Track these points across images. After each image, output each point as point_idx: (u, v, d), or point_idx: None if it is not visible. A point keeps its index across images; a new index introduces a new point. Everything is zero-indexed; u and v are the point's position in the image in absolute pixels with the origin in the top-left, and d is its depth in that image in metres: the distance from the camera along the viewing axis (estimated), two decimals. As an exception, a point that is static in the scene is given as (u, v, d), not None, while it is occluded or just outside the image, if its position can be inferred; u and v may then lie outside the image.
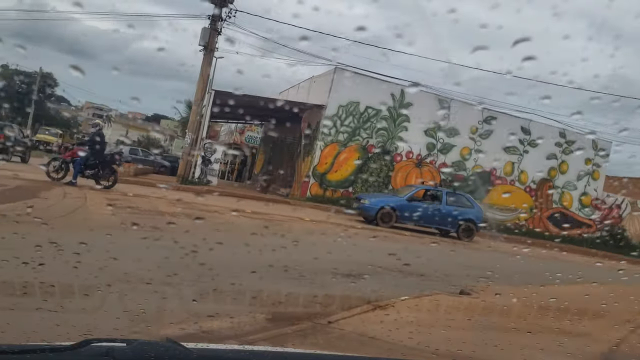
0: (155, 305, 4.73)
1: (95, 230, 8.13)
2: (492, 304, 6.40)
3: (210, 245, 6.68)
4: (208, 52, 18.76)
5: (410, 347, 4.44)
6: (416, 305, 5.92)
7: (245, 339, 3.98)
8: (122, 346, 1.45)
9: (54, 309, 3.98)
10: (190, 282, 5.54)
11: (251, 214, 13.38)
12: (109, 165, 14.54)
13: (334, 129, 21.20)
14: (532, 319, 5.94)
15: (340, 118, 21.22)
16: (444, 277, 8.67)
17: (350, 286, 6.88)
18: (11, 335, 3.36)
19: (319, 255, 8.13)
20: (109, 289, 4.77)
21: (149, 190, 16.03)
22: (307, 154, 21.64)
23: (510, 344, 5.04)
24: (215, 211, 12.63)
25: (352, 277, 7.39)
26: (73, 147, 14.92)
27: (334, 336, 4.49)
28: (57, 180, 14.11)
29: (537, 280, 8.62)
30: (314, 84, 23.00)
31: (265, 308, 5.09)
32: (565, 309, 6.29)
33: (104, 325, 3.93)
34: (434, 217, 17.18)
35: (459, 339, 4.80)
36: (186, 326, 4.20)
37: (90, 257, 5.53)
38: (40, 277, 4.52)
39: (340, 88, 20.74)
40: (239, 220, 12.20)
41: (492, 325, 5.61)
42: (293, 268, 6.88)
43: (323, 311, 5.25)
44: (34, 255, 4.96)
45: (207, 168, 20.14)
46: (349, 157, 21.42)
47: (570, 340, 5.35)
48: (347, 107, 21.22)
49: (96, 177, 14.40)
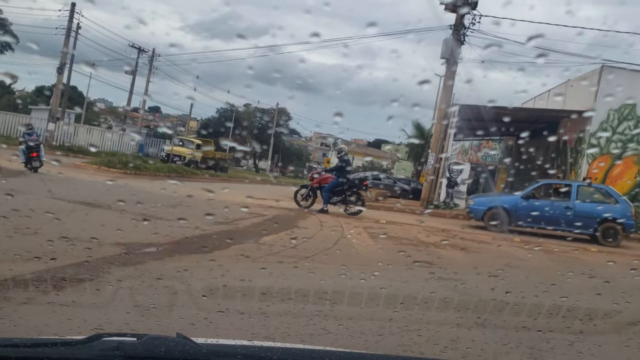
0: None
1: (368, 265, 6.91)
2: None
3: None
4: (451, 64, 17.16)
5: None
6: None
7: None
8: (133, 340, 1.44)
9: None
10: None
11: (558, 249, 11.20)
12: (356, 191, 13.84)
13: (603, 138, 17.69)
14: None
15: (611, 125, 17.65)
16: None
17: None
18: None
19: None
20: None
21: (398, 217, 14.87)
22: (570, 170, 18.45)
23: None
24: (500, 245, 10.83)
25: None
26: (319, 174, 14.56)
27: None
28: (306, 208, 13.81)
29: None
30: (570, 88, 19.76)
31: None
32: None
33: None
34: (561, 217, 13.71)
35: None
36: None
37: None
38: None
39: (610, 89, 17.24)
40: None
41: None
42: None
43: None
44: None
45: (454, 190, 18.35)
46: (626, 171, 17.63)
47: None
48: (620, 111, 17.58)
49: (344, 202, 13.77)
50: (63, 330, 3.45)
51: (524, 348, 3.85)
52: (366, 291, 5.03)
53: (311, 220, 11.83)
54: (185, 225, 8.12)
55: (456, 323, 4.33)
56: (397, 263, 7.52)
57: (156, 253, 6.19)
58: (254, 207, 11.97)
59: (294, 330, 3.77)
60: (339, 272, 6.02)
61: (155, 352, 1.38)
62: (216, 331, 3.58)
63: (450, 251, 9.41)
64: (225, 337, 3.20)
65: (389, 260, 7.68)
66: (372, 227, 11.87)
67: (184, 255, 6.34)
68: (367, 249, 8.82)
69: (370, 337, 3.82)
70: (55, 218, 7.27)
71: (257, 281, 5.29)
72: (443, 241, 10.37)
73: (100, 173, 18.96)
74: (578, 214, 13.78)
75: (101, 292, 4.39)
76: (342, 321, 4.06)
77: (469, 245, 10.42)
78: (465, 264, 8.27)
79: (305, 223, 11.30)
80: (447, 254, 9.06)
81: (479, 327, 4.29)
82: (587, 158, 17.84)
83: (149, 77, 38.19)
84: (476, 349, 3.79)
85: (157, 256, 6.03)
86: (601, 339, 4.43)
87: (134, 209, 9.30)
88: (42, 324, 3.51)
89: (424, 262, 7.51)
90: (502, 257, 9.88)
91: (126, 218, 8.62)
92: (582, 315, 4.88)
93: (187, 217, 9.06)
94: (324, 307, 4.43)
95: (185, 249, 6.74)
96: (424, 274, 6.58)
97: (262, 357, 1.51)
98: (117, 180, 15.14)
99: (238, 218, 10.02)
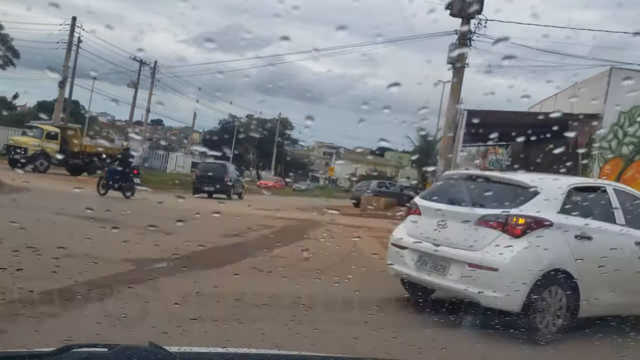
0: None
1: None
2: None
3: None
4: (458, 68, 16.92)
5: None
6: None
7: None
8: (104, 351, 1.41)
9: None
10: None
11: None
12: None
13: (614, 141, 17.38)
14: None
15: (622, 127, 17.35)
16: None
17: None
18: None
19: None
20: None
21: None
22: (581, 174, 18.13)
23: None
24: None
25: None
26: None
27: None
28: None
29: None
30: (578, 91, 19.47)
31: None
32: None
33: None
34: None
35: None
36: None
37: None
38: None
39: (620, 91, 16.95)
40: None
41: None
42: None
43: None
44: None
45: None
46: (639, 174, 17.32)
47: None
48: (630, 113, 17.28)
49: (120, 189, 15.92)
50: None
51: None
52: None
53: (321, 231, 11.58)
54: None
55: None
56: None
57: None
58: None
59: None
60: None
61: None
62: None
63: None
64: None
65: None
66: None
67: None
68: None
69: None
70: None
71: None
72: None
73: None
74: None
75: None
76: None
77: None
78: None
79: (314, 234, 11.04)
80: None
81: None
82: (597, 161, 17.53)
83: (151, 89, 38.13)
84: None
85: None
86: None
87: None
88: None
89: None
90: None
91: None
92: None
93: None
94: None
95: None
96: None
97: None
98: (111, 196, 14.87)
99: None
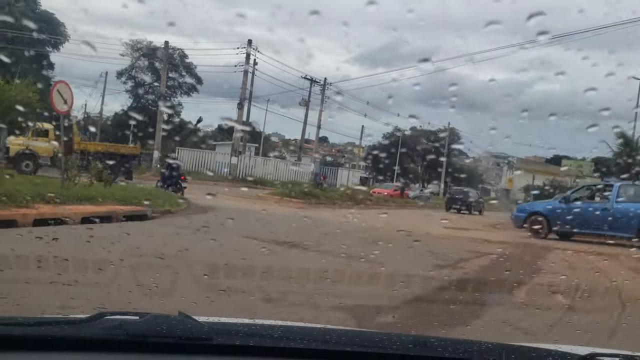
0: None
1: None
2: None
3: None
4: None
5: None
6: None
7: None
8: (135, 319, 1.43)
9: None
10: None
11: None
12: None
13: None
14: None
15: None
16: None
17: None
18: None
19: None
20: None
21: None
22: None
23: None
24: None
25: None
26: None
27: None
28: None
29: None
30: None
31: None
32: None
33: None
34: (600, 220, 12.93)
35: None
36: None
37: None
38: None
39: None
40: None
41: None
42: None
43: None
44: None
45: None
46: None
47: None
48: None
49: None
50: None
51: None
52: None
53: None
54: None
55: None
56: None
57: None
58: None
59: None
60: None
61: (157, 331, 1.34)
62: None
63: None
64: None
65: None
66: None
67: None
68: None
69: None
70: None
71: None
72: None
73: (283, 204, 18.94)
74: (616, 216, 12.90)
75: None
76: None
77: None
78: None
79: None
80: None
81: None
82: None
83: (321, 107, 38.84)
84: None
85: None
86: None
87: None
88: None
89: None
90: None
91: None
92: None
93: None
94: None
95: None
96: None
97: (263, 335, 1.48)
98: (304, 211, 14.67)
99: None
